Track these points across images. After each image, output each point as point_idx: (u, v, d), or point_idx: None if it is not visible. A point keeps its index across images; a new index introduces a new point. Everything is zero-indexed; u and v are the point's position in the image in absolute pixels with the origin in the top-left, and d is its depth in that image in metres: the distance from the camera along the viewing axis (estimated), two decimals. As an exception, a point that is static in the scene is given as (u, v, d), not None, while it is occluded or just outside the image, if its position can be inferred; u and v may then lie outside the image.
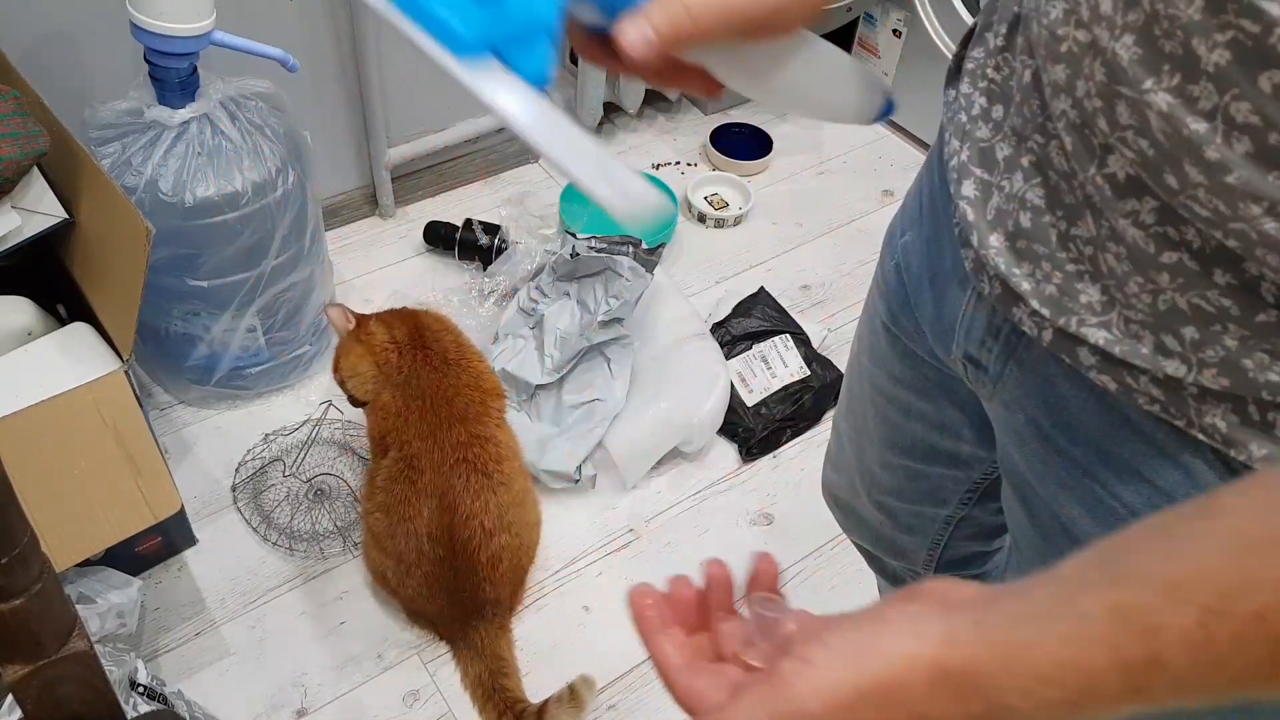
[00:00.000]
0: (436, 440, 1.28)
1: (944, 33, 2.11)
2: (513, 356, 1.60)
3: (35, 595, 0.64)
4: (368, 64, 1.75)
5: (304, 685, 1.33)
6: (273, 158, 1.41)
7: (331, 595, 1.42)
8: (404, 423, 1.30)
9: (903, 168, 2.26)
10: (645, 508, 1.57)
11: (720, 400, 1.60)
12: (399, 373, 1.32)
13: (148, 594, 1.38)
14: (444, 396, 1.31)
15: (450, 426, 1.29)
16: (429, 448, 1.28)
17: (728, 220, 2.07)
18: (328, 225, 1.89)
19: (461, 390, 1.32)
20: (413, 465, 1.28)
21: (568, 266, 1.65)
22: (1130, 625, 0.37)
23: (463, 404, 1.31)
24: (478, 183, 2.11)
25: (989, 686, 0.39)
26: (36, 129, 1.24)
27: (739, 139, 2.23)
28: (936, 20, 2.11)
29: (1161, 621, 0.36)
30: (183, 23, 1.27)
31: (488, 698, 1.29)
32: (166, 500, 1.14)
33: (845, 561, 1.52)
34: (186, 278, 1.43)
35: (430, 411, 1.30)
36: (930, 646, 0.40)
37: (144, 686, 1.16)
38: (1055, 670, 0.38)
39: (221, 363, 1.55)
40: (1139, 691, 0.37)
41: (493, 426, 1.33)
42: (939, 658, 0.40)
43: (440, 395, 1.31)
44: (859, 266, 2.01)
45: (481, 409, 1.33)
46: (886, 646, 0.41)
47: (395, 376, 1.32)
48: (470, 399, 1.32)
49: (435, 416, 1.30)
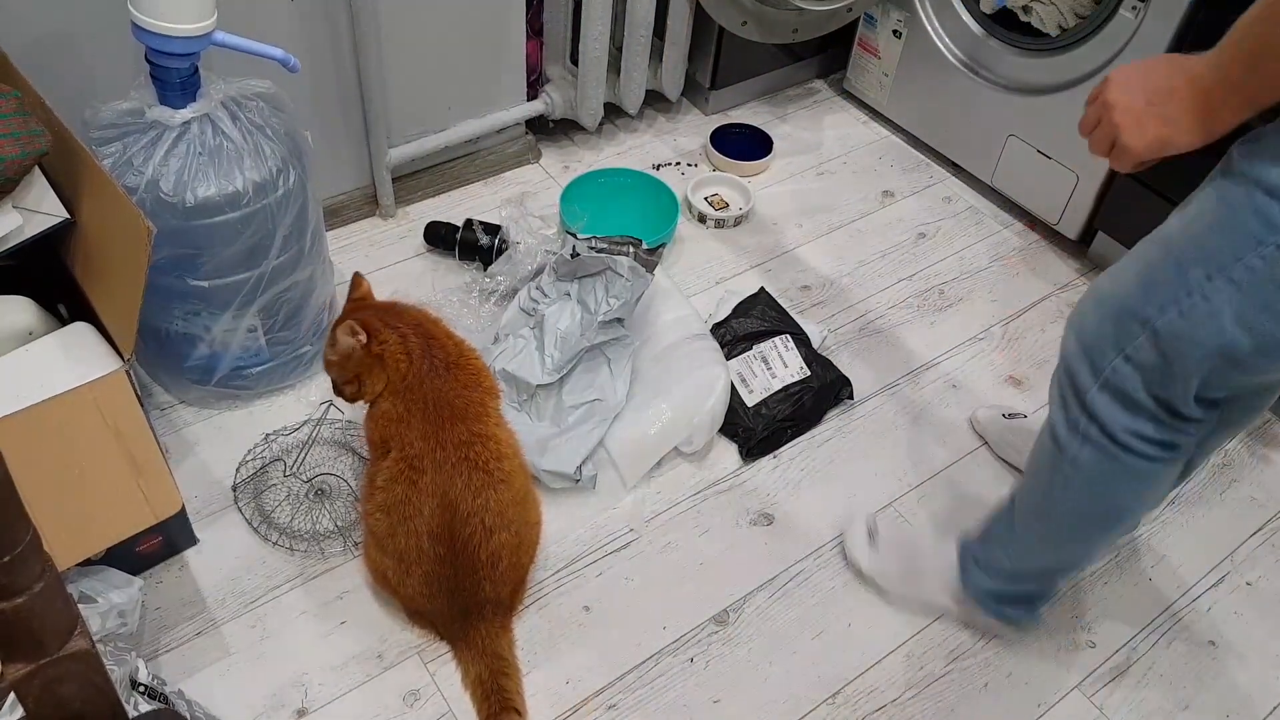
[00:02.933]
0: (439, 440, 1.28)
1: (944, 33, 2.11)
2: (513, 356, 1.60)
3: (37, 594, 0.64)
4: (368, 64, 1.75)
5: (304, 685, 1.33)
6: (273, 158, 1.41)
7: (331, 595, 1.42)
8: (406, 426, 1.30)
9: (903, 168, 2.26)
10: (645, 508, 1.57)
11: (720, 400, 1.61)
12: (404, 379, 1.31)
13: (148, 593, 1.39)
14: (445, 398, 1.30)
15: (452, 425, 1.29)
16: (431, 447, 1.28)
17: (728, 220, 2.07)
18: (328, 225, 1.89)
19: (461, 391, 1.32)
20: (414, 466, 1.28)
21: (568, 267, 1.65)
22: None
23: (463, 404, 1.31)
24: (478, 183, 2.11)
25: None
26: (38, 129, 1.24)
27: (739, 139, 2.23)
28: (936, 21, 2.11)
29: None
30: (184, 23, 1.27)
31: (487, 697, 1.29)
32: (167, 500, 1.14)
33: (845, 562, 1.53)
34: (187, 278, 1.43)
35: (432, 412, 1.30)
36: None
37: (145, 686, 1.16)
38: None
39: (222, 363, 1.56)
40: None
41: (492, 425, 1.33)
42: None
43: (442, 397, 1.30)
44: (859, 267, 2.02)
45: (481, 409, 1.33)
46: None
47: (400, 384, 1.31)
48: (470, 399, 1.32)
49: (437, 416, 1.29)
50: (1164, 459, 1.10)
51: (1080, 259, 2.06)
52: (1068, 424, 1.13)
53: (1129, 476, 1.12)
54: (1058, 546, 1.28)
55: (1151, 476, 1.13)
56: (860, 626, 1.46)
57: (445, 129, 1.99)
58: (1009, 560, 1.33)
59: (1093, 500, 1.17)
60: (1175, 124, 0.93)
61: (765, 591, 1.48)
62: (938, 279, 2.01)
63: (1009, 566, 1.33)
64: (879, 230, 2.10)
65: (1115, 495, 1.16)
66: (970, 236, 2.11)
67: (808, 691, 1.38)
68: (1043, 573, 1.34)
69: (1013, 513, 1.30)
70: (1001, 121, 2.07)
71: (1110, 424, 1.09)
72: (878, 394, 1.78)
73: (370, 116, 1.84)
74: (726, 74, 2.28)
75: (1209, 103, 0.91)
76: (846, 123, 2.38)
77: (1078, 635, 1.47)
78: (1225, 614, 1.51)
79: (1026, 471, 1.27)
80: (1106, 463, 1.11)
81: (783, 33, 2.15)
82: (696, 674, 1.39)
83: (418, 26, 1.81)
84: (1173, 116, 0.93)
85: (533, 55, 2.06)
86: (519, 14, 1.93)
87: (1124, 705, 1.40)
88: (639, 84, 2.12)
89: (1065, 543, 1.27)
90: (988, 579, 1.36)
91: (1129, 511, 1.21)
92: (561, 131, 2.23)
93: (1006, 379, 1.83)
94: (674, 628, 1.43)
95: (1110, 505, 1.18)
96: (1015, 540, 1.30)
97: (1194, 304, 0.97)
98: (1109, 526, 1.23)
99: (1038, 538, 1.28)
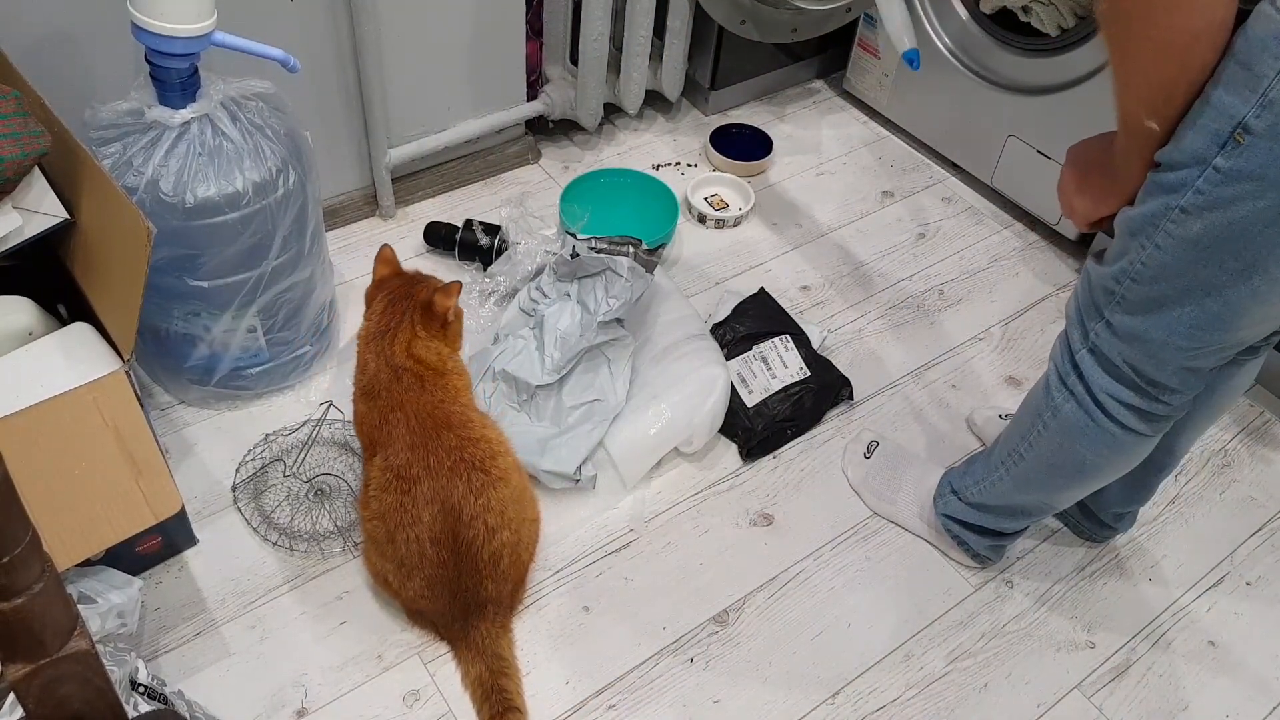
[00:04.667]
0: (428, 448, 1.29)
1: (944, 34, 2.11)
2: (513, 357, 1.60)
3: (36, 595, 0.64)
4: (368, 64, 1.75)
5: (304, 685, 1.33)
6: (273, 158, 1.41)
7: (331, 595, 1.42)
8: (382, 433, 1.32)
9: (903, 168, 2.26)
10: (645, 508, 1.57)
11: (720, 401, 1.61)
12: (359, 385, 1.38)
13: (148, 594, 1.39)
14: (426, 410, 1.32)
15: (439, 433, 1.30)
16: (420, 456, 1.28)
17: (728, 221, 2.07)
18: (328, 225, 1.89)
19: (440, 404, 1.34)
20: (401, 475, 1.28)
21: (568, 267, 1.65)
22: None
23: (444, 414, 1.32)
24: (478, 183, 2.11)
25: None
26: (37, 129, 1.25)
27: (739, 139, 2.23)
28: (936, 21, 2.12)
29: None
30: (183, 23, 1.27)
31: (488, 697, 1.29)
32: (167, 500, 1.14)
33: (845, 562, 1.53)
34: (187, 278, 1.43)
35: (415, 423, 1.31)
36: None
37: (144, 686, 1.16)
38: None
39: (222, 363, 1.56)
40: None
41: (480, 427, 1.34)
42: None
43: (423, 408, 1.32)
44: (859, 267, 2.02)
45: (464, 418, 1.34)
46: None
47: (358, 388, 1.38)
48: (451, 411, 1.34)
49: (420, 427, 1.31)
50: (1138, 431, 1.18)
51: (1080, 259, 2.06)
52: (1059, 375, 1.22)
53: (1101, 438, 1.20)
54: (1023, 489, 1.36)
55: (1122, 444, 1.21)
56: (860, 626, 1.46)
57: (445, 129, 1.99)
58: (978, 492, 1.42)
59: (1060, 451, 1.26)
60: (1095, 192, 1.11)
61: (765, 591, 1.48)
62: (938, 279, 2.01)
63: (976, 498, 1.43)
64: (879, 230, 2.11)
65: (1083, 452, 1.24)
66: (970, 236, 2.11)
67: (808, 691, 1.38)
68: (1006, 510, 1.42)
69: (992, 450, 1.40)
70: (1001, 122, 2.07)
71: (1093, 384, 1.17)
72: (878, 394, 1.78)
73: (370, 117, 1.84)
74: (726, 74, 2.28)
75: (1118, 163, 1.06)
76: (846, 123, 2.38)
77: (1077, 635, 1.47)
78: (1225, 614, 1.51)
79: (1016, 413, 1.36)
80: (1083, 419, 1.20)
81: (781, 32, 2.15)
82: (696, 674, 1.39)
83: (418, 27, 1.81)
84: (1094, 185, 1.11)
85: (533, 55, 2.06)
86: (519, 14, 1.93)
87: (1124, 705, 1.40)
88: (639, 84, 2.12)
89: (1030, 487, 1.36)
90: (958, 504, 1.47)
91: (1094, 471, 1.27)
92: (561, 132, 2.23)
93: (1006, 379, 1.83)
94: (674, 628, 1.43)
95: (1077, 460, 1.26)
96: (988, 474, 1.40)
97: (1138, 270, 1.07)
98: (1072, 481, 1.31)
99: (1009, 475, 1.36)
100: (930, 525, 1.53)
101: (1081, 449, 1.23)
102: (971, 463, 1.47)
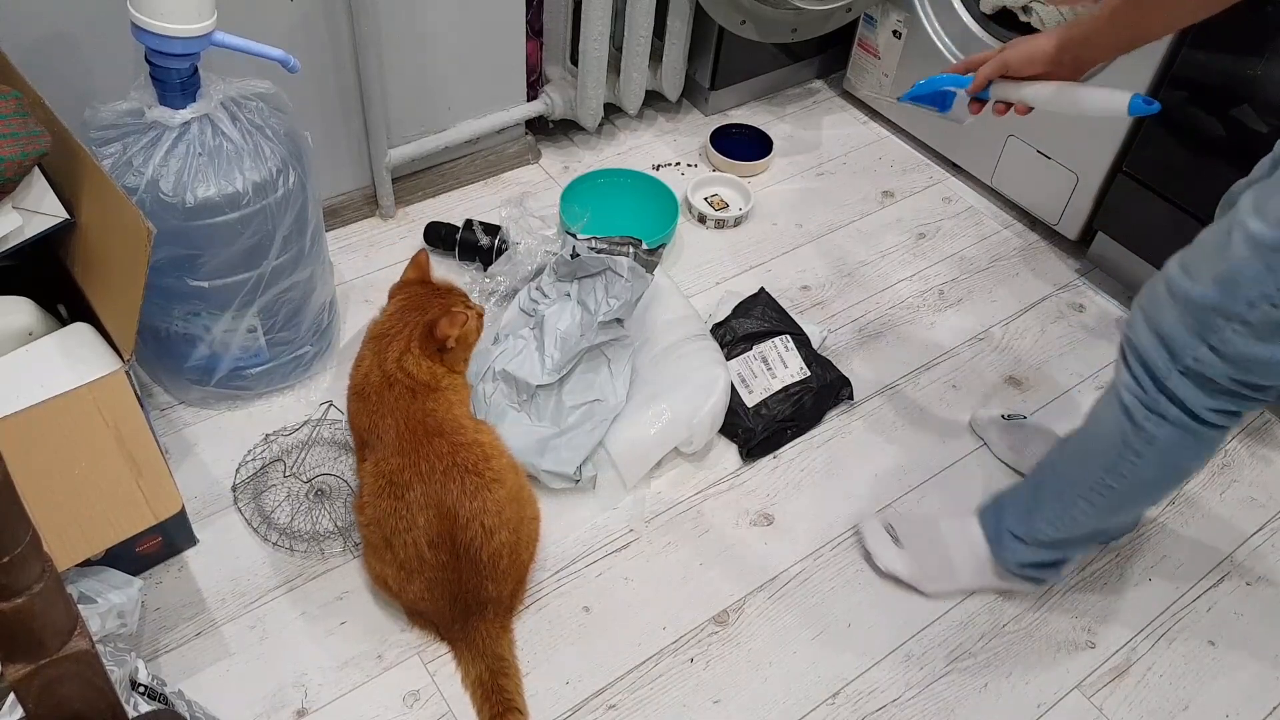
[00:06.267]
0: (419, 454, 1.29)
1: (944, 34, 2.11)
2: (513, 357, 1.60)
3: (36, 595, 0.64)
4: (368, 64, 1.75)
5: (304, 685, 1.33)
6: (273, 158, 1.41)
7: (331, 595, 1.42)
8: (373, 435, 1.32)
9: (903, 168, 2.26)
10: (645, 508, 1.57)
11: (720, 401, 1.61)
12: (352, 386, 1.40)
13: (148, 594, 1.39)
14: (416, 417, 1.33)
15: (429, 440, 1.31)
16: (411, 461, 1.29)
17: (728, 221, 2.07)
18: (328, 225, 1.89)
19: (431, 413, 1.34)
20: (393, 481, 1.29)
21: (568, 267, 1.65)
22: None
23: (435, 422, 1.33)
24: (478, 183, 2.11)
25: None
26: (37, 129, 1.25)
27: (739, 140, 2.23)
28: (936, 21, 2.11)
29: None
30: (183, 23, 1.27)
31: (488, 698, 1.29)
32: (167, 500, 1.14)
33: (845, 562, 1.53)
34: (187, 278, 1.43)
35: (405, 429, 1.32)
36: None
37: (144, 686, 1.16)
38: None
39: (222, 363, 1.56)
40: None
41: (472, 432, 1.34)
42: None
43: (413, 416, 1.33)
44: (859, 267, 2.02)
45: (455, 425, 1.34)
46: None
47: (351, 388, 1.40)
48: (443, 419, 1.34)
49: (411, 434, 1.31)
50: (1234, 423, 1.17)
51: (1080, 259, 2.06)
52: (1144, 405, 1.17)
53: (1202, 445, 1.19)
54: (1117, 512, 1.33)
55: (1219, 440, 1.20)
56: (860, 626, 1.46)
57: (445, 129, 1.99)
58: (1055, 531, 1.35)
59: (1163, 470, 1.24)
60: (1029, 53, 1.21)
61: (765, 591, 1.48)
62: (937, 279, 2.01)
63: (1054, 536, 1.36)
64: (879, 230, 2.10)
65: (1187, 463, 1.23)
66: (970, 236, 2.11)
67: (808, 691, 1.38)
68: (1091, 535, 1.38)
69: (1060, 488, 1.33)
70: (1001, 122, 2.07)
71: (1192, 404, 1.13)
72: (878, 394, 1.78)
73: (370, 117, 1.84)
74: (726, 74, 2.28)
75: (1084, 51, 1.18)
76: (846, 123, 2.38)
77: (1078, 635, 1.47)
78: (1225, 614, 1.51)
79: (1078, 449, 1.31)
80: (1183, 437, 1.17)
81: (781, 32, 2.15)
82: (696, 674, 1.39)
83: (418, 27, 1.81)
84: (1036, 54, 1.21)
85: (533, 55, 2.06)
86: (519, 14, 1.93)
87: (1124, 705, 1.40)
88: (639, 84, 2.13)
89: (1126, 508, 1.35)
90: (1028, 551, 1.39)
91: (1192, 473, 1.28)
92: (561, 132, 2.23)
93: (1006, 379, 1.83)
94: (674, 628, 1.43)
95: (1179, 472, 1.26)
96: (1065, 510, 1.33)
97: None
98: (1173, 487, 1.35)
99: (1095, 507, 1.30)
100: (1001, 578, 1.45)
101: (1186, 462, 1.23)
102: (1031, 504, 1.38)
